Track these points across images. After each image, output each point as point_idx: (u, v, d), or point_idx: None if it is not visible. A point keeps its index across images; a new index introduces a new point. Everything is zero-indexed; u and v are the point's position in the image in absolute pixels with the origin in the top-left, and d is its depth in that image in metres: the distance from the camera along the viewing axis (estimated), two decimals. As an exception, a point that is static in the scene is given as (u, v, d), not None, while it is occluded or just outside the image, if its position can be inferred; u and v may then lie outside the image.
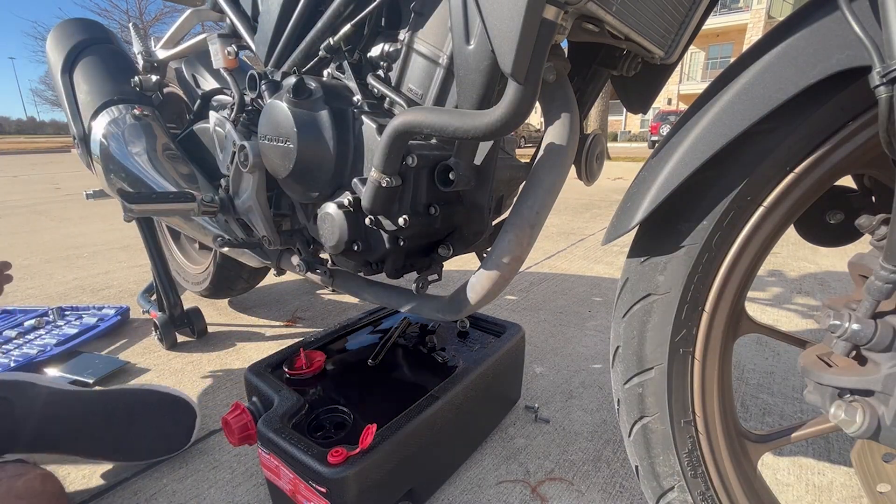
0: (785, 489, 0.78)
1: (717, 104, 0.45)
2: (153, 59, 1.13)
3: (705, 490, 0.55)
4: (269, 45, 0.73)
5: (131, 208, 0.79)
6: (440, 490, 0.78)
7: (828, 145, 0.42)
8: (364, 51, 0.65)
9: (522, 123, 0.45)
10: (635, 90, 0.74)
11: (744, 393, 1.05)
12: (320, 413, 0.71)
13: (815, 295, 1.66)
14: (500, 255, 0.52)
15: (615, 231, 0.51)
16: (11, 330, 1.34)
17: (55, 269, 2.11)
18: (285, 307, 1.61)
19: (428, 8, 0.57)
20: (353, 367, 0.86)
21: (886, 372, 0.39)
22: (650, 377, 0.53)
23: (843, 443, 0.89)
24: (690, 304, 0.49)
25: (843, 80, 0.39)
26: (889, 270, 0.37)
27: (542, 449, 0.88)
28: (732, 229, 0.47)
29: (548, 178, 0.50)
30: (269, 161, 0.65)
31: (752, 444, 0.56)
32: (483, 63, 0.48)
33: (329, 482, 0.58)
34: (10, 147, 21.01)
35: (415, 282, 0.68)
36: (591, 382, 1.11)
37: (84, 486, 0.80)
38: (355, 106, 0.61)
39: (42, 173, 7.54)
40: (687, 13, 0.56)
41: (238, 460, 0.86)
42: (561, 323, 1.45)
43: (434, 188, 0.58)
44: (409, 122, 0.49)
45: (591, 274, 1.95)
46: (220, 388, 1.11)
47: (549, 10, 0.41)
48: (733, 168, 0.45)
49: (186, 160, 1.08)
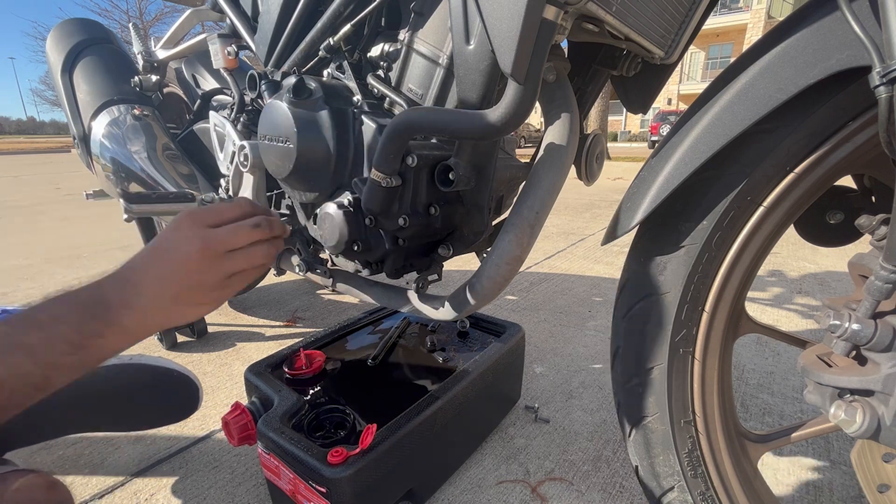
0: (785, 489, 0.78)
1: (717, 104, 0.45)
2: (153, 59, 1.13)
3: (705, 490, 0.55)
4: (269, 45, 0.73)
5: (131, 208, 0.79)
6: (440, 490, 0.78)
7: (828, 145, 0.42)
8: (364, 51, 0.65)
9: (522, 123, 0.45)
10: (635, 90, 0.74)
11: (744, 393, 1.05)
12: (320, 413, 0.71)
13: (815, 295, 1.66)
14: (500, 255, 0.52)
15: (615, 231, 0.51)
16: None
17: (55, 269, 2.11)
18: (285, 307, 1.61)
19: (428, 8, 0.57)
20: (353, 367, 0.86)
21: (886, 372, 0.39)
22: (650, 377, 0.53)
23: (843, 443, 0.89)
24: (690, 304, 0.49)
25: (843, 80, 0.39)
26: (889, 270, 0.37)
27: (542, 449, 0.88)
28: (732, 229, 0.47)
29: (548, 178, 0.50)
30: (269, 161, 0.65)
31: (752, 444, 0.56)
32: (483, 63, 0.48)
33: (329, 482, 0.58)
34: (10, 147, 21.02)
35: (415, 282, 0.68)
36: (591, 382, 1.11)
37: (84, 486, 0.80)
38: (355, 106, 0.61)
39: (42, 173, 7.54)
40: (687, 13, 0.56)
41: (238, 460, 0.86)
42: (561, 323, 1.45)
43: (434, 188, 0.57)
44: (409, 122, 0.49)
45: (591, 274, 1.95)
46: (220, 388, 1.11)
47: (549, 10, 0.41)
48: (733, 168, 0.45)
49: (186, 160, 1.08)
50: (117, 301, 0.40)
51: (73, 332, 0.37)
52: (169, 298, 0.42)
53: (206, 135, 1.04)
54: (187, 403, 0.82)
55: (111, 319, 0.39)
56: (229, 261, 0.44)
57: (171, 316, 0.43)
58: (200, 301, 0.44)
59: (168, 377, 0.80)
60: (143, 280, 0.41)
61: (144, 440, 0.91)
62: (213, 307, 0.46)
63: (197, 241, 0.42)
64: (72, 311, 0.38)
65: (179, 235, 0.43)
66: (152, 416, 0.81)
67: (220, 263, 0.43)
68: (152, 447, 0.90)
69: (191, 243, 0.42)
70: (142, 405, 0.79)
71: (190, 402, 0.82)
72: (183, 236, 0.43)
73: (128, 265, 0.43)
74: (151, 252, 0.43)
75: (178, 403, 0.82)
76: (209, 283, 0.43)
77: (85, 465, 0.85)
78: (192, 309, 0.44)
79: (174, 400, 0.81)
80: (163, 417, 0.82)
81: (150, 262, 0.42)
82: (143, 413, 0.80)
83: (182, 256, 0.42)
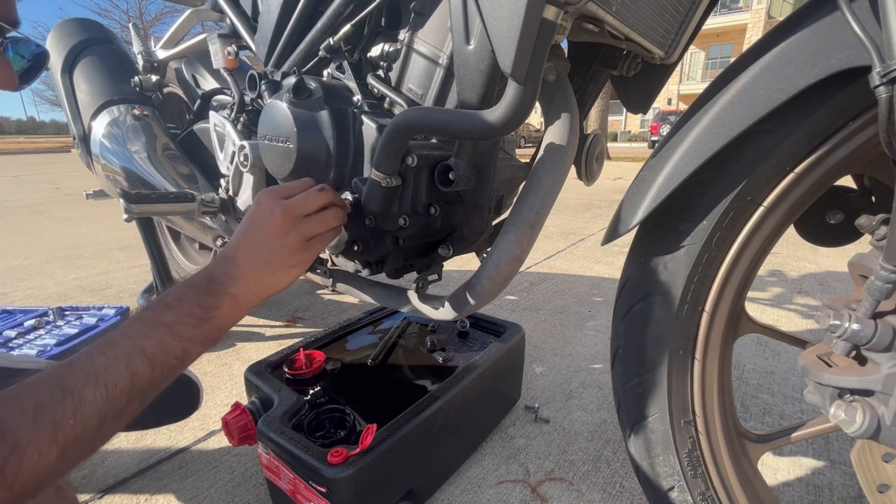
0: (785, 489, 0.78)
1: (717, 104, 0.45)
2: (153, 59, 1.13)
3: (705, 490, 0.55)
4: (269, 45, 0.73)
5: (131, 208, 0.79)
6: (440, 490, 0.78)
7: (828, 145, 0.42)
8: (364, 51, 0.65)
9: (522, 123, 0.45)
10: (635, 90, 0.74)
11: (744, 393, 1.05)
12: (320, 413, 0.71)
13: (815, 295, 1.66)
14: (500, 255, 0.52)
15: (615, 231, 0.51)
16: (11, 330, 1.33)
17: (55, 269, 2.11)
18: (285, 307, 1.61)
19: (428, 8, 0.57)
20: (353, 367, 0.86)
21: (886, 372, 0.39)
22: (650, 377, 0.53)
23: (843, 443, 0.89)
24: (690, 304, 0.49)
25: (843, 81, 0.39)
26: (889, 270, 0.37)
27: (542, 449, 0.88)
28: (732, 229, 0.47)
29: (548, 178, 0.50)
30: (269, 161, 0.65)
31: (752, 444, 0.56)
32: (483, 63, 0.48)
33: (329, 482, 0.58)
34: (10, 147, 20.99)
35: (415, 282, 0.68)
36: (591, 382, 1.11)
37: (84, 486, 0.80)
38: (355, 106, 0.61)
39: (42, 173, 7.54)
40: (687, 13, 0.56)
41: (238, 460, 0.86)
42: (561, 323, 1.45)
43: (434, 188, 0.57)
44: (409, 122, 0.49)
45: (591, 274, 1.95)
46: (220, 388, 1.11)
47: (549, 10, 0.41)
48: (733, 168, 0.45)
49: (186, 160, 1.08)
50: (222, 275, 0.47)
51: (195, 306, 0.44)
52: (263, 263, 0.48)
53: (206, 135, 1.03)
54: (187, 403, 0.82)
55: (221, 290, 0.46)
56: (306, 224, 0.50)
57: (268, 281, 0.49)
58: (289, 263, 0.50)
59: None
60: (238, 253, 0.48)
61: (144, 440, 0.91)
62: (300, 269, 0.51)
63: (277, 209, 0.49)
64: (191, 291, 0.45)
65: (262, 209, 0.50)
66: (152, 415, 0.81)
67: (300, 226, 0.50)
68: (152, 447, 0.90)
69: (272, 212, 0.49)
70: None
71: (190, 403, 0.82)
72: (265, 209, 0.50)
73: (227, 246, 0.50)
74: (241, 230, 0.50)
75: (179, 403, 0.82)
76: (292, 244, 0.49)
77: (85, 465, 0.85)
78: (284, 272, 0.50)
79: (174, 400, 0.81)
80: (162, 417, 0.82)
81: (242, 237, 0.49)
82: (143, 413, 0.80)
83: (267, 224, 0.49)
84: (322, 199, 0.52)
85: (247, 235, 0.50)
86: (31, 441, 0.32)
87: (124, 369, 0.38)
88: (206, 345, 0.45)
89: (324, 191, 0.53)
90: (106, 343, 0.39)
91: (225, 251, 0.49)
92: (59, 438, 0.33)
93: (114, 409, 0.38)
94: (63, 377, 0.36)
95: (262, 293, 0.49)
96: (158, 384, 0.42)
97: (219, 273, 0.47)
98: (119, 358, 0.38)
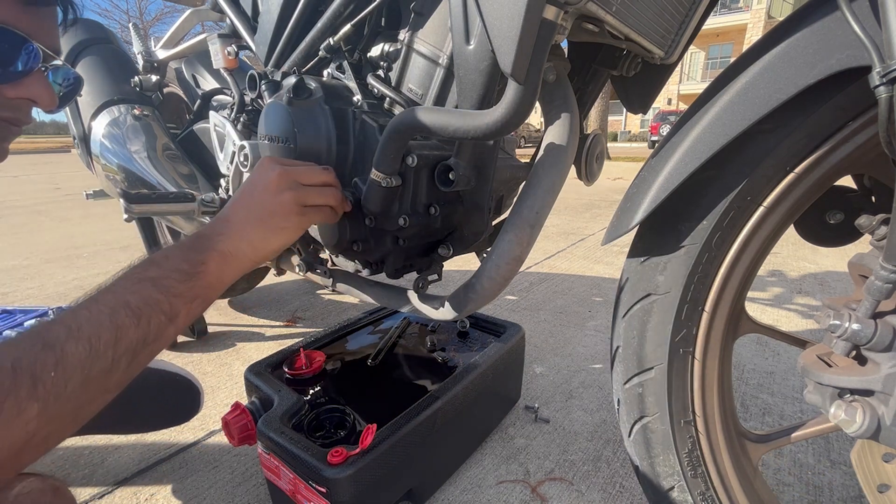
0: (785, 489, 0.78)
1: (717, 104, 0.45)
2: (153, 59, 1.13)
3: (705, 490, 0.55)
4: (269, 45, 0.73)
5: (131, 208, 0.79)
6: (440, 490, 0.78)
7: (828, 145, 0.42)
8: (364, 51, 0.65)
9: (522, 123, 0.45)
10: (635, 90, 0.74)
11: (744, 393, 1.05)
12: (320, 413, 0.71)
13: (815, 295, 1.66)
14: (500, 255, 0.52)
15: (615, 231, 0.51)
16: (11, 330, 1.33)
17: (55, 269, 2.11)
18: (285, 307, 1.61)
19: (428, 8, 0.57)
20: (353, 367, 0.86)
21: (886, 372, 0.39)
22: (650, 377, 0.53)
23: (843, 443, 0.89)
24: (690, 304, 0.49)
25: (843, 80, 0.39)
26: (889, 270, 0.37)
27: (542, 449, 0.88)
28: (732, 229, 0.47)
29: (548, 178, 0.50)
30: (269, 161, 0.65)
31: (752, 444, 0.56)
32: (483, 63, 0.48)
33: (329, 482, 0.58)
34: (10, 147, 20.94)
35: (415, 282, 0.68)
36: (591, 382, 1.11)
37: (84, 487, 0.80)
38: (355, 106, 0.61)
39: (42, 173, 7.53)
40: (687, 13, 0.56)
41: (238, 460, 0.86)
42: (561, 323, 1.45)
43: (434, 188, 0.57)
44: (409, 122, 0.49)
45: (591, 274, 1.95)
46: (220, 388, 1.11)
47: (549, 11, 0.41)
48: (733, 168, 0.45)
49: (186, 160, 1.08)
50: (212, 232, 0.47)
51: (182, 261, 0.43)
52: (255, 220, 0.48)
53: (206, 135, 1.03)
54: (188, 407, 0.82)
55: (209, 247, 0.45)
56: (304, 192, 0.50)
57: (258, 239, 0.48)
58: (281, 224, 0.50)
59: (169, 380, 0.81)
60: (232, 211, 0.49)
61: (144, 440, 0.91)
62: (292, 233, 0.51)
63: (276, 168, 0.50)
64: (179, 249, 0.45)
65: (260, 170, 0.51)
66: (153, 419, 0.81)
67: (297, 190, 0.50)
68: (152, 447, 0.90)
69: (270, 171, 0.50)
70: (143, 408, 0.79)
71: (191, 406, 0.82)
72: (263, 170, 0.51)
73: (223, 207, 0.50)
74: (239, 191, 0.51)
75: (179, 407, 0.82)
76: (287, 203, 0.49)
77: (85, 465, 0.85)
78: (275, 234, 0.49)
79: (175, 403, 0.81)
80: (163, 421, 0.82)
81: (238, 197, 0.50)
82: (143, 416, 0.80)
83: (263, 183, 0.50)
84: (324, 176, 0.52)
85: (242, 194, 0.50)
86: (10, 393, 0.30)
87: (108, 323, 0.37)
88: (195, 304, 0.43)
89: (328, 171, 0.53)
90: (89, 300, 0.38)
91: (221, 211, 0.50)
92: (38, 392, 0.32)
93: (99, 365, 0.36)
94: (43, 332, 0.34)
95: (251, 253, 0.48)
96: (147, 343, 0.39)
97: (209, 230, 0.47)
98: (102, 312, 0.37)
